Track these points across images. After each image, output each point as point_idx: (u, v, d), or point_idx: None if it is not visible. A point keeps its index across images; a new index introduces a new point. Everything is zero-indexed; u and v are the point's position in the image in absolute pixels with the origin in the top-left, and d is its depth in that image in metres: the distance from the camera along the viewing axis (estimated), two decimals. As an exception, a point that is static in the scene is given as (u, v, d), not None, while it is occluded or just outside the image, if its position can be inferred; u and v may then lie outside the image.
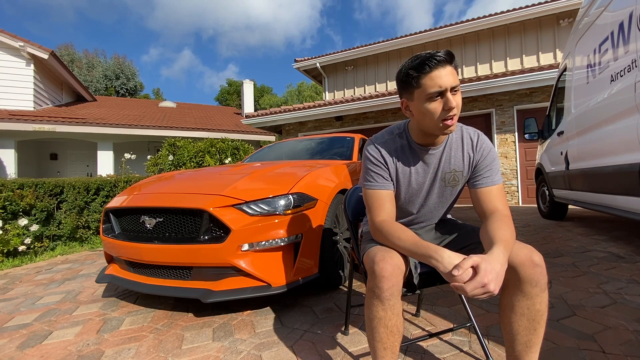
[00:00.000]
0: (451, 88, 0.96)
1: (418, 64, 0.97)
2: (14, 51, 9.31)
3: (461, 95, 1.03)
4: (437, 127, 1.01)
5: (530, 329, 0.91)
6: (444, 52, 0.97)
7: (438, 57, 0.95)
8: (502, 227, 0.94)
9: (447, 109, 0.97)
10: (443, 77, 0.95)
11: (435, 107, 0.98)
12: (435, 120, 1.00)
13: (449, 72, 0.96)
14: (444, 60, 0.96)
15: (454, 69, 0.98)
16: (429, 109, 0.99)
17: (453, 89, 0.97)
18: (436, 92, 0.96)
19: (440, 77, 0.95)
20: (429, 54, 0.96)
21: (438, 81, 0.95)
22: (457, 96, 0.99)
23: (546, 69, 5.92)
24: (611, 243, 2.94)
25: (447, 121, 0.98)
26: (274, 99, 32.01)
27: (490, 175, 1.09)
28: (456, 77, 0.98)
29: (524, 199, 6.59)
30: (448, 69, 0.96)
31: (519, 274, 0.88)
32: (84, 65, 25.73)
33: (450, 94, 0.97)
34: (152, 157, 6.10)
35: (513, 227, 0.98)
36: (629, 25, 2.18)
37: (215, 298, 1.65)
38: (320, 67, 10.33)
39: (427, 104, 0.99)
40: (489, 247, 0.88)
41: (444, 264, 0.85)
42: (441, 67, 0.96)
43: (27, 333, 1.72)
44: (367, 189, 1.13)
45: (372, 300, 0.94)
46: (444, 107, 0.97)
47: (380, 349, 0.96)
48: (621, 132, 2.26)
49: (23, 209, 3.79)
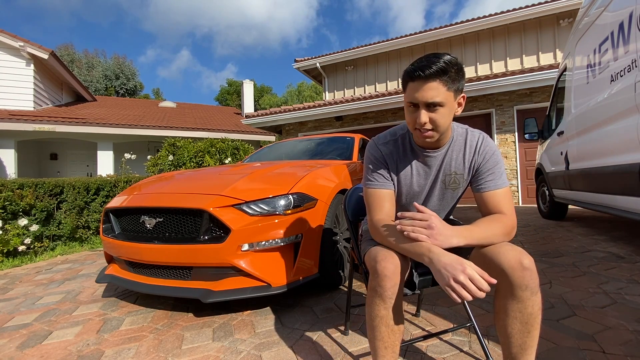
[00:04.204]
0: (427, 104, 0.95)
1: (410, 69, 0.97)
2: (13, 51, 9.31)
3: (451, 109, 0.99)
4: (414, 133, 1.04)
5: (524, 332, 0.90)
6: (437, 66, 0.92)
7: (421, 71, 0.93)
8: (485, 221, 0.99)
9: (417, 123, 0.98)
10: (419, 91, 0.95)
11: (411, 115, 1.01)
12: (411, 127, 1.03)
13: (430, 88, 0.93)
14: (430, 75, 0.93)
15: (442, 83, 0.93)
16: (406, 114, 1.03)
17: (431, 105, 0.95)
18: (410, 102, 0.99)
19: (417, 91, 0.96)
20: (423, 63, 0.94)
21: (414, 93, 0.97)
22: (438, 111, 0.96)
23: (546, 69, 5.92)
24: (611, 243, 2.94)
25: (421, 132, 1.00)
26: (274, 99, 32.00)
27: (494, 179, 1.07)
28: (441, 92, 0.94)
29: (524, 199, 6.59)
30: (431, 84, 0.93)
31: (509, 277, 0.87)
32: (83, 65, 25.73)
33: (423, 111, 0.96)
34: (152, 157, 6.09)
35: (508, 228, 0.98)
36: (629, 25, 2.18)
37: (215, 298, 1.65)
38: (320, 67, 10.33)
39: (407, 109, 1.03)
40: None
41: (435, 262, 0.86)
42: (423, 80, 0.94)
43: (27, 333, 1.72)
44: (367, 188, 1.14)
45: (374, 299, 0.94)
46: (417, 119, 0.98)
47: (381, 348, 0.96)
48: (621, 132, 2.26)
49: (23, 209, 3.79)
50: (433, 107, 0.96)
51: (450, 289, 0.82)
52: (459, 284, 0.81)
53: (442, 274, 0.83)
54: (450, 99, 0.97)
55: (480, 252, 0.97)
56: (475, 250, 0.99)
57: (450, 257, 0.85)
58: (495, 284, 0.84)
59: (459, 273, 0.81)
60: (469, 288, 0.80)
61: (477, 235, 0.94)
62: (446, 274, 0.83)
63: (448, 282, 0.82)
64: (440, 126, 0.98)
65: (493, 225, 0.98)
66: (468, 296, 0.80)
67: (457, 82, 0.97)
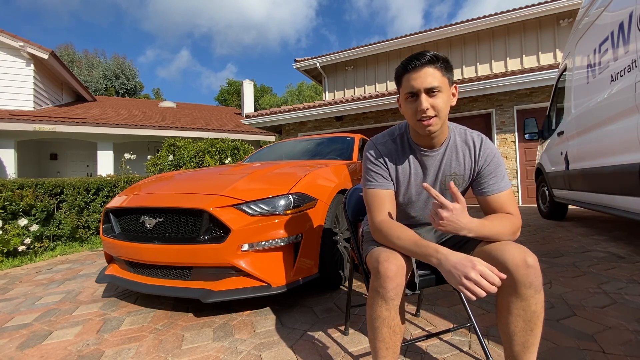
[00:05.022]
0: (427, 89, 0.98)
1: (403, 64, 1.01)
2: (14, 51, 9.30)
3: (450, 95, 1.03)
4: (416, 125, 1.04)
5: (526, 330, 0.90)
6: (429, 55, 0.98)
7: (417, 60, 0.98)
8: (497, 217, 1.01)
9: (420, 110, 0.99)
10: (417, 79, 0.98)
11: (411, 107, 1.02)
12: (412, 120, 1.03)
13: (427, 74, 0.98)
14: (425, 62, 0.98)
15: (437, 69, 0.99)
16: (407, 108, 1.04)
17: (430, 90, 0.98)
18: (410, 93, 1.00)
19: (415, 79, 0.99)
20: (414, 55, 0.99)
21: (412, 82, 0.99)
22: (437, 97, 0.99)
23: (546, 69, 5.91)
24: (611, 243, 2.94)
25: (423, 121, 1.00)
26: (274, 99, 31.99)
27: (496, 182, 1.08)
28: (438, 77, 0.98)
29: (524, 199, 6.59)
30: (428, 70, 0.98)
31: (513, 275, 0.88)
32: (83, 65, 25.74)
33: (424, 96, 0.98)
34: (152, 157, 6.09)
35: (513, 226, 1.00)
36: (629, 25, 2.18)
37: (215, 298, 1.65)
38: (320, 67, 10.33)
39: (405, 103, 1.04)
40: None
41: (444, 262, 0.86)
42: (420, 68, 0.98)
43: (27, 333, 1.72)
44: (367, 189, 1.14)
45: (376, 300, 0.94)
46: (417, 108, 0.99)
47: (382, 349, 0.96)
48: (621, 132, 2.26)
49: (23, 209, 3.79)
50: (432, 92, 0.98)
51: (463, 287, 0.82)
52: (471, 281, 0.81)
53: (453, 273, 0.84)
54: (446, 85, 1.01)
55: (484, 250, 0.97)
56: (479, 248, 0.99)
57: (458, 255, 0.86)
58: (505, 278, 0.84)
59: (469, 270, 0.82)
60: (481, 284, 0.80)
61: (488, 229, 0.96)
62: (457, 272, 0.83)
63: (460, 281, 0.82)
64: (441, 111, 1.00)
65: (503, 222, 0.99)
66: (482, 292, 0.80)
67: (449, 71, 1.02)
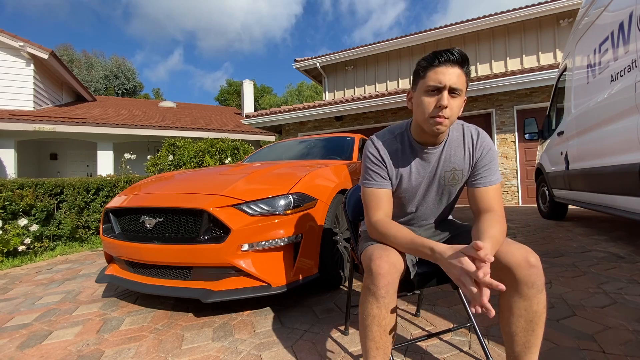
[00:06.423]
0: (451, 88, 0.97)
1: (431, 56, 0.99)
2: (14, 51, 9.31)
3: (463, 102, 1.02)
4: (426, 121, 1.02)
5: (528, 330, 0.90)
6: (459, 53, 0.97)
7: (450, 54, 0.97)
8: (493, 225, 0.96)
9: (439, 106, 0.98)
10: (446, 75, 0.96)
11: (430, 101, 1.00)
12: (426, 114, 1.01)
13: (455, 73, 0.97)
14: (454, 60, 0.97)
15: (463, 73, 0.98)
16: (423, 101, 1.01)
17: (453, 90, 0.97)
18: (434, 86, 0.98)
19: (444, 74, 0.97)
20: (446, 50, 0.98)
21: (440, 76, 0.97)
22: (455, 99, 0.99)
23: (546, 69, 5.92)
24: (611, 243, 2.94)
25: (437, 119, 0.99)
26: (274, 99, 31.99)
27: (489, 175, 1.09)
28: (462, 81, 0.98)
29: (524, 199, 6.59)
30: (456, 70, 0.97)
31: (515, 275, 0.88)
32: (83, 65, 25.76)
33: (446, 93, 0.97)
34: (152, 157, 6.09)
35: (505, 226, 0.99)
36: (629, 25, 2.18)
37: (215, 298, 1.65)
38: (320, 67, 10.34)
39: (424, 96, 1.01)
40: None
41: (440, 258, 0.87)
42: (449, 65, 0.97)
43: (27, 333, 1.72)
44: (365, 187, 1.14)
45: (367, 298, 0.93)
46: (436, 103, 0.98)
47: (373, 348, 0.94)
48: (621, 132, 2.26)
49: (23, 209, 3.79)
50: (454, 92, 0.98)
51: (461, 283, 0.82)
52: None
53: (452, 267, 0.84)
54: (464, 92, 1.01)
55: None
56: None
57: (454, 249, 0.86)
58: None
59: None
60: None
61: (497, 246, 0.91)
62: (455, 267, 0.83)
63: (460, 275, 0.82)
64: (454, 115, 1.00)
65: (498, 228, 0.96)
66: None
67: (469, 79, 1.01)
